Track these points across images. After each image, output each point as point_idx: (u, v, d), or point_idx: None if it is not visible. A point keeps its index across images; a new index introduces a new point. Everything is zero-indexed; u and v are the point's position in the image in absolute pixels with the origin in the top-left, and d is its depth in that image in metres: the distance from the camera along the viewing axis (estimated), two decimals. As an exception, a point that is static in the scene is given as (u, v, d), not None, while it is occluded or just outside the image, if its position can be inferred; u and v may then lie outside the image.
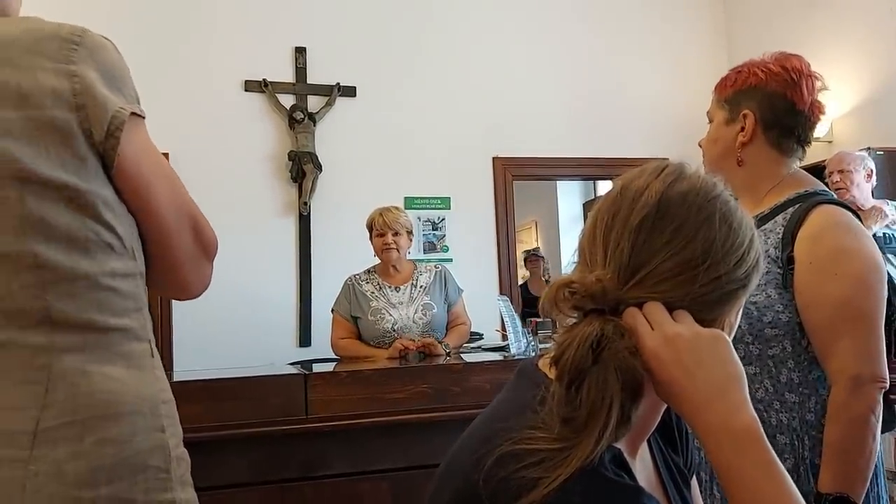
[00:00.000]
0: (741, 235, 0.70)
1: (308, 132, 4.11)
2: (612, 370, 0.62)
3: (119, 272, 0.88)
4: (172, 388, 0.96)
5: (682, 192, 0.69)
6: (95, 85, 0.85)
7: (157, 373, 0.93)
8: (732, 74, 1.37)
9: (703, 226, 0.68)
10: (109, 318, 0.86)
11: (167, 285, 1.01)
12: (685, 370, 0.64)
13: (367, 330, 2.92)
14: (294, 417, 1.88)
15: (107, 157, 0.86)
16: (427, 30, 4.44)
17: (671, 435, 0.85)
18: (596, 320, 0.65)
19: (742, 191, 1.39)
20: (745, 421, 0.64)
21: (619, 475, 0.62)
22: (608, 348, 0.63)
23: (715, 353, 0.66)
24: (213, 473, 1.80)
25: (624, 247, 0.68)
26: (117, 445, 0.83)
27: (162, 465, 0.88)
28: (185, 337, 3.88)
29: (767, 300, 1.23)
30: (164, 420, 0.90)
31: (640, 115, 4.64)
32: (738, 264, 0.69)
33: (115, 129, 0.86)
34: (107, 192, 0.87)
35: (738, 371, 0.66)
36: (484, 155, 4.46)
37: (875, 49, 3.84)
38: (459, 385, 2.01)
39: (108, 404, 0.84)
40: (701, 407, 0.64)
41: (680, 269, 0.67)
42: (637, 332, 0.66)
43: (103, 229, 0.86)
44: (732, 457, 0.63)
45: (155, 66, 3.96)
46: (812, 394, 1.23)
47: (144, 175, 0.90)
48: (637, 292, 0.67)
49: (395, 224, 2.93)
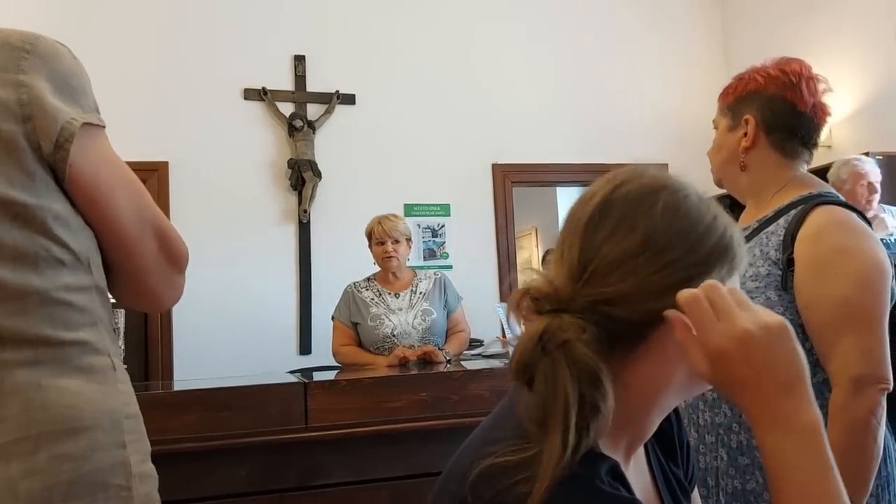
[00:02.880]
0: (691, 222, 0.69)
1: (307, 140, 4.11)
2: (562, 361, 0.63)
3: (72, 286, 0.85)
4: (171, 398, 0.94)
5: (626, 190, 0.71)
6: (45, 95, 0.82)
7: (121, 386, 0.89)
8: (734, 82, 1.37)
9: (645, 216, 0.68)
10: (63, 333, 0.83)
11: (135, 298, 0.99)
12: (754, 370, 0.64)
13: (367, 336, 2.92)
14: (293, 426, 1.87)
15: (57, 169, 0.83)
16: (426, 37, 4.45)
17: (671, 447, 0.84)
18: (546, 318, 0.66)
19: (748, 195, 1.39)
20: (809, 420, 0.64)
21: (615, 488, 0.61)
22: (552, 340, 0.63)
23: (784, 349, 0.64)
24: (211, 483, 1.79)
25: (574, 246, 0.70)
26: (74, 462, 0.80)
27: (123, 482, 0.84)
28: (185, 345, 3.88)
29: (767, 302, 1.22)
30: (126, 436, 0.86)
31: (640, 121, 4.64)
32: (690, 250, 0.68)
33: (65, 140, 0.82)
34: (58, 205, 0.84)
35: (803, 367, 0.65)
36: (483, 161, 4.46)
37: (874, 53, 3.85)
38: (459, 393, 2.00)
39: (65, 419, 0.80)
40: (767, 405, 0.64)
41: (623, 260, 0.67)
42: (701, 326, 0.64)
43: (53, 244, 0.83)
44: (792, 455, 0.63)
45: (154, 74, 3.97)
46: (817, 397, 1.21)
47: (102, 187, 0.87)
48: (588, 289, 0.67)
49: (395, 232, 2.94)
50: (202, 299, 3.78)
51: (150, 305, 1.03)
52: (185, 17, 4.09)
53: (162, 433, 1.75)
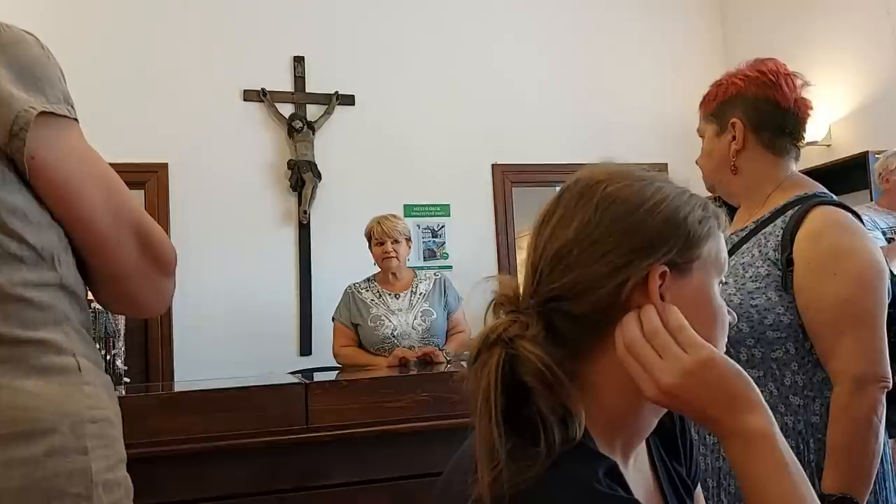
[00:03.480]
0: (628, 207, 0.69)
1: (307, 141, 4.11)
2: (495, 355, 0.66)
3: (32, 282, 0.80)
4: (171, 399, 0.91)
5: (569, 189, 0.73)
6: (1, 82, 0.77)
7: (87, 388, 0.83)
8: (713, 89, 1.39)
9: (580, 209, 0.70)
10: (19, 331, 0.78)
11: (115, 301, 0.94)
12: (700, 397, 0.66)
13: (367, 337, 2.92)
14: (294, 427, 1.87)
15: (16, 160, 0.78)
16: (425, 37, 4.45)
17: (674, 444, 0.84)
18: (495, 319, 0.69)
19: (742, 198, 1.41)
20: (756, 424, 0.66)
21: (612, 488, 0.62)
22: (493, 335, 0.67)
23: (718, 375, 0.67)
24: (212, 484, 1.79)
25: (530, 249, 0.72)
26: (27, 467, 0.74)
27: (82, 491, 0.78)
28: (185, 347, 3.87)
29: (768, 303, 1.23)
30: (87, 441, 0.80)
31: (639, 121, 4.64)
32: (627, 235, 0.68)
33: (20, 129, 0.77)
34: (16, 198, 0.79)
35: (742, 382, 0.67)
36: (483, 162, 4.46)
37: (872, 52, 3.85)
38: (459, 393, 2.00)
39: (17, 421, 0.75)
40: (723, 423, 0.67)
41: (561, 254, 0.69)
42: (648, 367, 0.66)
43: (9, 239, 0.78)
44: (745, 459, 0.65)
45: (153, 76, 3.97)
46: (817, 396, 1.22)
47: (70, 181, 0.82)
48: (542, 287, 0.69)
49: (394, 232, 2.94)
50: (202, 300, 3.78)
51: (133, 311, 0.98)
52: (184, 19, 4.09)
53: (162, 434, 1.75)
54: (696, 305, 0.70)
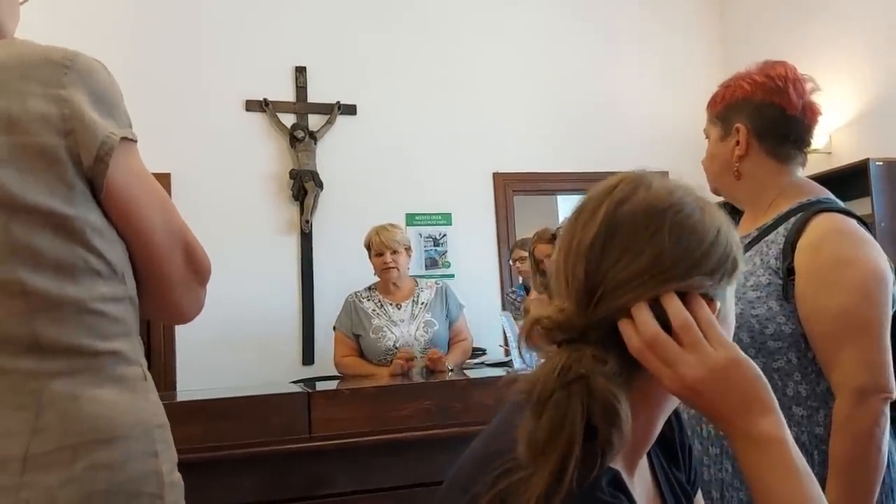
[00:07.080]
0: (698, 239, 0.70)
1: (309, 150, 4.13)
2: (577, 396, 0.62)
3: (108, 297, 0.87)
4: (174, 408, 0.95)
5: (629, 211, 0.70)
6: (85, 109, 0.84)
7: (151, 396, 0.91)
8: (721, 90, 1.36)
9: (651, 239, 0.68)
10: (98, 343, 0.85)
11: (160, 309, 1.01)
12: (720, 394, 0.68)
13: (370, 348, 2.91)
14: (297, 436, 1.87)
15: (96, 182, 0.85)
16: (426, 48, 4.47)
17: (673, 450, 0.84)
18: (565, 351, 0.66)
19: (746, 203, 1.38)
20: (768, 428, 0.67)
21: (615, 497, 0.62)
22: (569, 374, 0.64)
23: (742, 376, 0.69)
24: (215, 494, 1.79)
25: (579, 272, 0.69)
26: (110, 471, 0.82)
27: (156, 491, 0.86)
28: (188, 356, 3.87)
29: (769, 312, 1.22)
30: (157, 445, 0.88)
31: (639, 128, 4.65)
32: (695, 266, 0.69)
33: (105, 154, 0.85)
34: (95, 217, 0.86)
35: (762, 386, 0.69)
36: (484, 170, 4.47)
37: (873, 59, 3.86)
38: (462, 401, 2.01)
39: (100, 429, 0.83)
40: (738, 424, 0.68)
41: (629, 280, 0.68)
42: (672, 360, 0.67)
43: (91, 255, 0.85)
44: (756, 463, 0.67)
45: (156, 86, 3.99)
46: (821, 406, 1.20)
47: (135, 199, 0.89)
48: (599, 313, 0.68)
49: (393, 243, 2.94)
50: (205, 310, 3.76)
51: (174, 317, 1.04)
52: (185, 30, 4.11)
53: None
54: (719, 318, 0.72)
